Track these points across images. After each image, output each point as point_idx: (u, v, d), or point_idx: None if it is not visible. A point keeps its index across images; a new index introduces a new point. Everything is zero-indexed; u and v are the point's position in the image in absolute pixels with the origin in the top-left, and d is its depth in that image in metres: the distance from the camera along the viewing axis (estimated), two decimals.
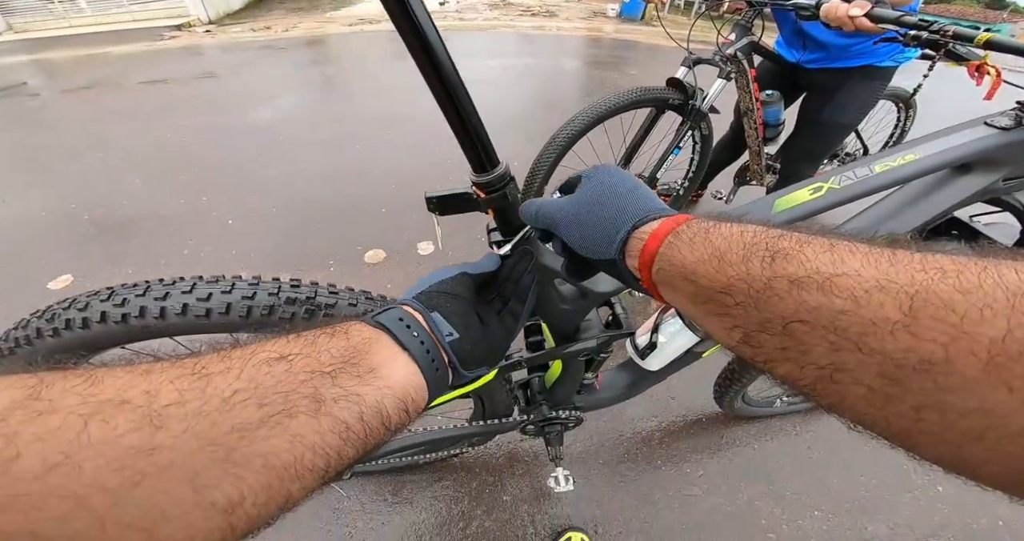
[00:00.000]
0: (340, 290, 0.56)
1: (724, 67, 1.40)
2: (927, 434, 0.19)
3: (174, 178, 2.42)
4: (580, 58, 4.65)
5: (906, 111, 1.98)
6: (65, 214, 2.15)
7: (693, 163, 1.70)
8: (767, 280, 0.24)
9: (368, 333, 0.31)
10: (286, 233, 2.05)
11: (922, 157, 0.57)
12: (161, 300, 0.49)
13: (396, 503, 1.15)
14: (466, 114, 0.39)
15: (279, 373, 0.24)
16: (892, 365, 0.19)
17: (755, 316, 0.24)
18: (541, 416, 0.86)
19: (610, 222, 0.35)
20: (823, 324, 0.21)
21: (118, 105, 3.30)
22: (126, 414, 0.19)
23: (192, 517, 0.19)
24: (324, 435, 0.24)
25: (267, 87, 3.77)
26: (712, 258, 0.27)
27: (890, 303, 0.19)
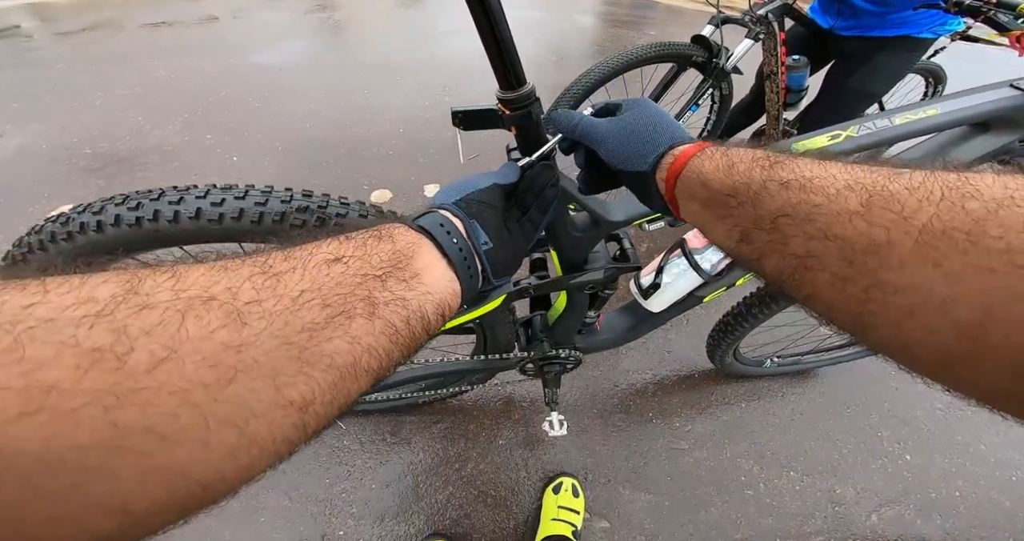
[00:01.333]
0: (352, 202, 0.57)
1: (753, 28, 1.35)
2: (873, 315, 0.21)
3: (177, 116, 2.37)
4: (595, 15, 4.44)
5: (935, 86, 1.92)
6: (66, 148, 2.11)
7: (709, 122, 1.67)
8: (763, 182, 0.28)
9: (411, 237, 0.32)
10: (292, 170, 2.03)
11: (942, 112, 0.58)
12: (175, 204, 0.49)
13: (394, 443, 1.19)
14: (498, 28, 0.39)
15: (337, 275, 0.25)
16: (849, 248, 0.22)
17: (751, 213, 0.29)
18: (542, 353, 0.88)
19: (650, 140, 0.40)
20: (801, 217, 0.25)
21: (119, 47, 3.18)
22: (215, 311, 0.19)
23: (274, 414, 0.20)
24: (377, 337, 0.25)
25: (272, 31, 3.63)
26: (725, 167, 0.32)
27: (853, 198, 0.23)
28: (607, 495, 1.14)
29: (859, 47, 1.40)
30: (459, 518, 1.08)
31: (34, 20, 3.80)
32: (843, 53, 1.47)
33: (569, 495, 1.09)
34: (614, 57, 1.27)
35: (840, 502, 1.15)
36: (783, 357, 1.31)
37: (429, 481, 1.14)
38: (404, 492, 1.11)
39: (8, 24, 3.67)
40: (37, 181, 1.90)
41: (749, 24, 1.36)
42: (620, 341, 0.94)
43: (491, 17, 0.38)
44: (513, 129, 0.48)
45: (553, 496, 1.09)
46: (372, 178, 2.02)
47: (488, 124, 0.49)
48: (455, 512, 1.09)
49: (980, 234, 0.18)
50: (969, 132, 0.64)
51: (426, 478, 1.14)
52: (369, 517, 1.07)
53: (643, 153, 0.40)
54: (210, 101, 2.52)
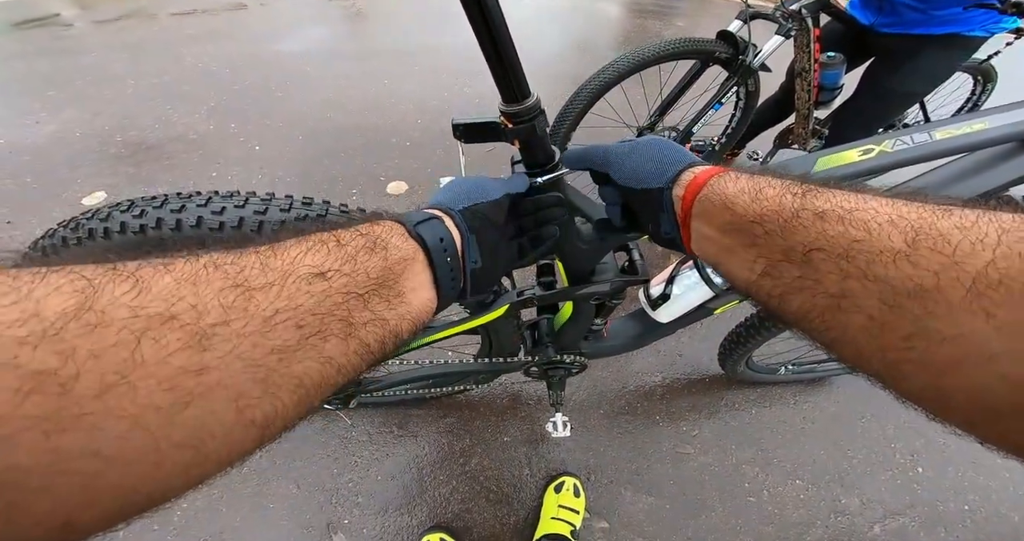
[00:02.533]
0: (352, 210, 0.57)
1: (784, 23, 1.29)
2: (913, 362, 0.20)
3: (203, 104, 2.41)
4: (623, 4, 4.31)
5: (983, 85, 1.79)
6: (97, 135, 2.18)
7: (734, 120, 1.61)
8: (796, 210, 0.26)
9: (406, 250, 0.31)
10: (312, 160, 2.06)
11: (990, 127, 0.53)
12: (177, 212, 0.50)
13: (401, 436, 1.22)
14: (501, 41, 0.38)
15: (318, 293, 0.24)
16: (891, 291, 0.20)
17: (780, 244, 0.26)
18: (546, 358, 0.88)
19: (666, 159, 0.38)
20: (838, 252, 0.23)
21: (151, 35, 3.25)
22: (175, 332, 0.18)
23: (234, 435, 0.20)
24: (350, 357, 0.25)
25: (297, 19, 3.65)
26: (751, 190, 0.29)
27: (897, 235, 0.21)
28: (608, 496, 1.14)
29: (901, 45, 1.32)
30: (461, 512, 1.10)
31: (74, 8, 3.90)
32: (884, 51, 1.40)
33: (570, 495, 1.10)
34: (631, 53, 1.23)
35: (844, 512, 1.13)
36: (798, 365, 1.28)
37: (433, 474, 1.15)
38: (408, 484, 1.14)
39: (49, 12, 3.78)
40: (70, 167, 1.97)
41: (780, 20, 1.30)
42: (627, 348, 0.93)
43: (492, 29, 0.37)
44: (516, 142, 0.46)
45: (554, 495, 1.10)
46: (389, 169, 2.03)
47: (490, 137, 0.47)
48: (457, 506, 1.11)
49: None
50: (1016, 148, 0.58)
51: (430, 471, 1.16)
52: (373, 507, 1.10)
53: (659, 169, 0.38)
54: (235, 89, 2.56)
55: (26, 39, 3.20)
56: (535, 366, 0.93)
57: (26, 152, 2.05)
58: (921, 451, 1.25)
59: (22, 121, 2.24)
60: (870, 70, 1.45)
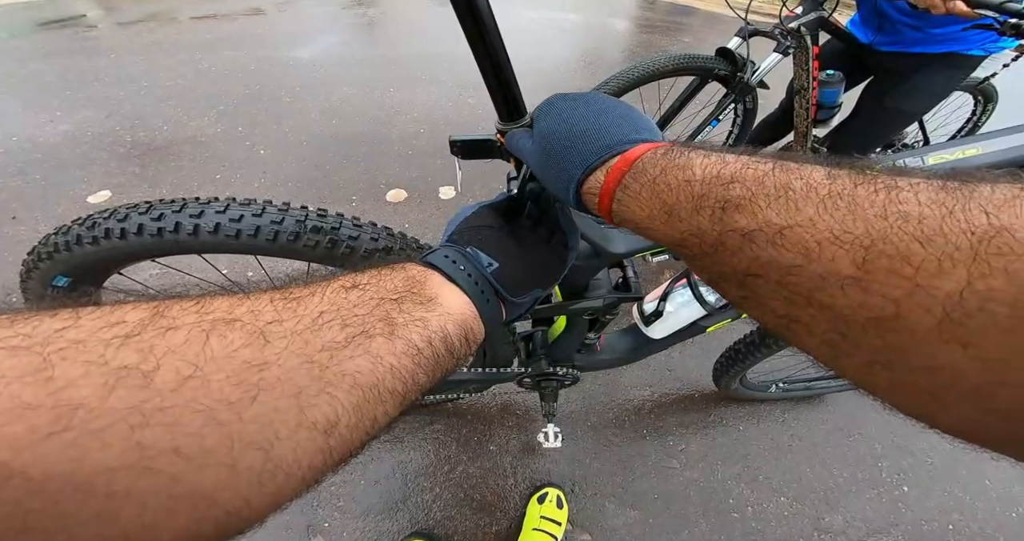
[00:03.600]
0: (364, 224, 0.58)
1: (783, 41, 1.30)
2: (880, 387, 0.18)
3: (213, 108, 2.46)
4: (631, 19, 4.37)
5: (984, 104, 1.79)
6: (109, 134, 2.22)
7: (731, 136, 1.62)
8: (718, 235, 0.23)
9: (421, 269, 0.32)
10: (314, 165, 2.09)
11: (985, 153, 0.51)
12: (196, 217, 0.50)
13: (388, 441, 1.21)
14: (498, 59, 0.38)
15: (355, 298, 0.26)
16: (842, 321, 0.18)
17: (713, 268, 0.24)
18: (539, 370, 0.88)
19: (564, 165, 0.33)
20: (775, 278, 0.20)
21: (169, 37, 3.33)
22: (238, 331, 0.20)
23: (299, 436, 0.20)
24: (399, 357, 0.25)
25: (310, 25, 3.73)
26: (662, 213, 0.26)
27: (843, 256, 0.18)
28: (592, 508, 1.13)
29: (900, 63, 1.33)
30: (443, 519, 1.10)
31: (98, 10, 4.01)
32: (882, 69, 1.40)
33: (553, 506, 1.09)
34: (629, 69, 1.25)
35: (827, 530, 1.13)
36: (789, 383, 1.27)
37: (417, 481, 1.15)
38: (392, 489, 1.13)
39: (75, 13, 3.89)
40: (79, 166, 2.01)
41: (779, 37, 1.31)
42: (620, 362, 0.93)
43: (489, 48, 0.37)
44: (512, 160, 0.47)
45: (537, 506, 1.09)
46: (389, 177, 2.05)
47: (486, 154, 0.48)
48: (439, 513, 1.11)
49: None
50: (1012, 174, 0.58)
51: (415, 477, 1.16)
52: (355, 511, 1.09)
53: (561, 182, 0.33)
54: (244, 94, 2.61)
55: (50, 39, 3.28)
56: (528, 377, 0.93)
57: (38, 150, 2.09)
58: (908, 470, 1.24)
59: (38, 119, 2.29)
60: (869, 88, 1.45)
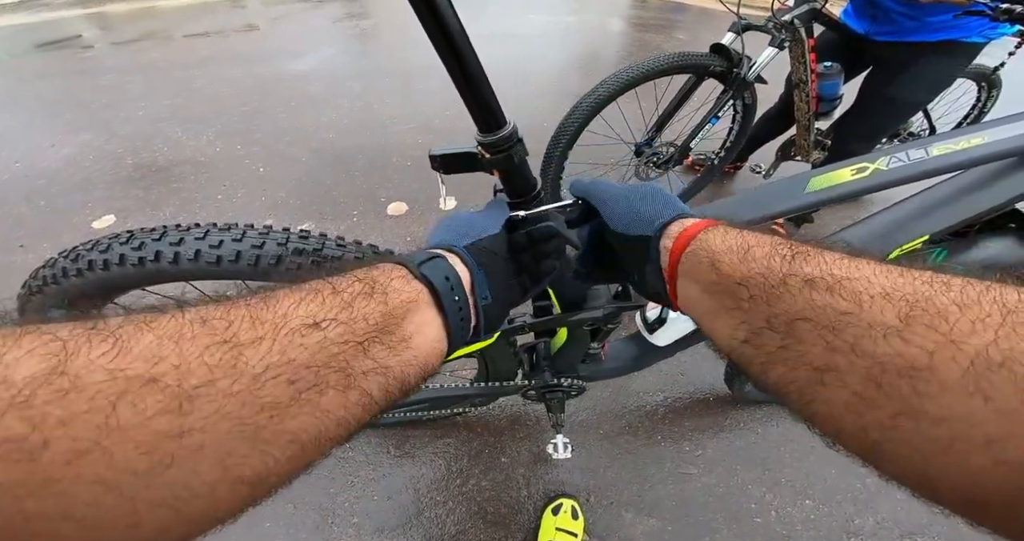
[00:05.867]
0: (348, 243, 0.56)
1: (777, 35, 1.28)
2: (898, 443, 0.19)
3: (211, 127, 2.48)
4: (626, 19, 4.38)
5: (988, 91, 1.76)
6: (110, 158, 2.25)
7: (732, 133, 1.60)
8: (783, 276, 0.25)
9: (409, 292, 0.29)
10: (314, 181, 2.10)
11: (989, 142, 0.51)
12: (175, 245, 0.50)
13: (399, 456, 1.20)
14: (471, 71, 0.37)
15: (312, 345, 0.23)
16: (879, 368, 0.19)
17: (764, 311, 0.25)
18: (543, 383, 0.86)
19: (659, 207, 0.38)
20: (825, 323, 0.22)
21: (164, 56, 3.38)
22: (155, 395, 0.18)
23: (219, 492, 0.19)
24: (350, 408, 0.24)
25: (304, 39, 3.77)
26: (739, 249, 0.28)
27: (890, 309, 0.20)
28: (608, 518, 1.11)
29: (899, 53, 1.30)
30: (457, 533, 1.08)
31: (94, 29, 4.07)
32: (881, 60, 1.38)
33: (568, 517, 1.07)
34: (624, 71, 1.24)
35: (857, 533, 1.08)
36: None
37: (430, 495, 1.14)
38: (405, 505, 1.12)
39: (71, 33, 3.95)
40: (83, 190, 2.03)
41: (773, 31, 1.29)
42: (626, 371, 0.92)
43: (462, 60, 0.36)
44: (495, 172, 0.46)
45: (552, 517, 1.07)
46: (390, 190, 2.05)
47: (469, 167, 0.47)
48: (454, 527, 1.09)
49: None
50: (1019, 162, 0.56)
51: (427, 492, 1.14)
52: (369, 528, 1.08)
53: (650, 216, 0.37)
54: (242, 111, 2.63)
55: (48, 61, 3.34)
56: (532, 390, 0.91)
57: (41, 176, 2.11)
58: None
59: (40, 143, 2.33)
60: (869, 79, 1.43)
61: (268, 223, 0.55)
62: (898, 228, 0.58)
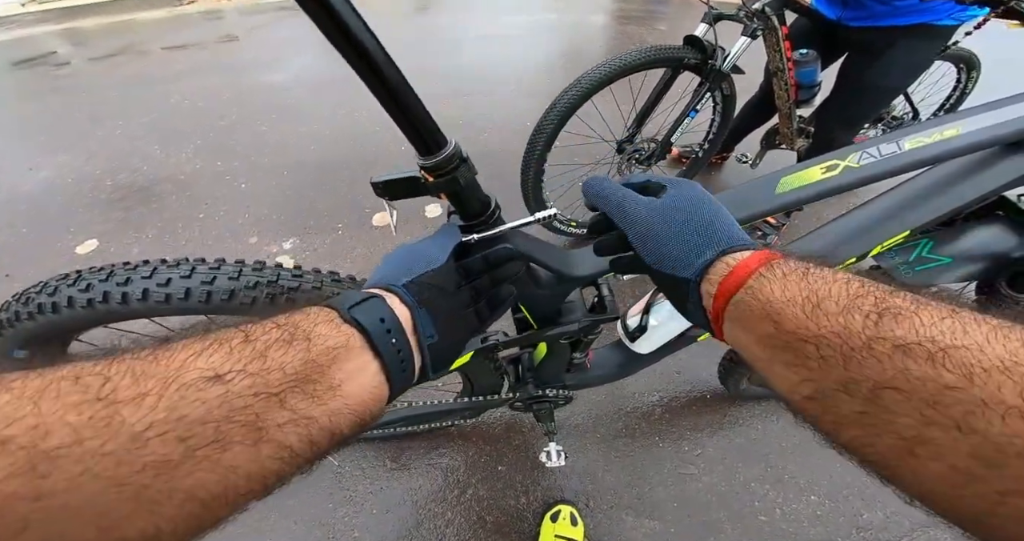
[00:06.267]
0: (305, 272, 0.55)
1: (749, 24, 1.26)
2: (1005, 518, 0.18)
3: (190, 143, 2.45)
4: (607, 13, 4.36)
5: (967, 72, 1.76)
6: (89, 179, 2.21)
7: (714, 125, 1.58)
8: (868, 339, 0.21)
9: (336, 338, 0.27)
10: (298, 195, 2.06)
11: (965, 132, 0.48)
12: (122, 285, 0.49)
13: (395, 469, 1.19)
14: (400, 93, 0.35)
15: (211, 400, 0.21)
16: (992, 448, 0.17)
17: (839, 375, 0.22)
18: (528, 395, 0.85)
19: (699, 239, 0.32)
20: (922, 396, 0.19)
21: (142, 71, 3.34)
22: (7, 457, 0.17)
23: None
24: (263, 462, 0.22)
25: (283, 49, 3.73)
26: (806, 301, 0.25)
27: (1009, 386, 0.18)
28: (609, 523, 1.10)
29: (872, 38, 1.28)
30: None
31: (68, 46, 4.02)
32: (855, 45, 1.36)
33: (567, 524, 1.06)
34: (597, 69, 1.21)
35: (866, 527, 1.07)
36: None
37: (429, 507, 1.13)
38: (404, 517, 1.11)
39: (46, 50, 3.91)
40: (63, 214, 2.00)
41: (745, 20, 1.27)
42: (612, 378, 0.90)
43: (387, 82, 0.34)
44: (442, 196, 0.43)
45: (551, 524, 1.06)
46: (375, 200, 1.98)
47: (414, 192, 0.44)
48: (454, 538, 1.08)
49: None
50: (1001, 151, 0.54)
51: (426, 504, 1.13)
52: None
53: (688, 254, 0.32)
54: (221, 125, 2.60)
55: (23, 79, 3.30)
56: (518, 401, 0.90)
57: (22, 201, 2.09)
58: None
59: (18, 167, 2.30)
60: (845, 66, 1.41)
61: (220, 257, 0.53)
62: (880, 223, 0.56)
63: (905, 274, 0.62)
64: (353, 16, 0.30)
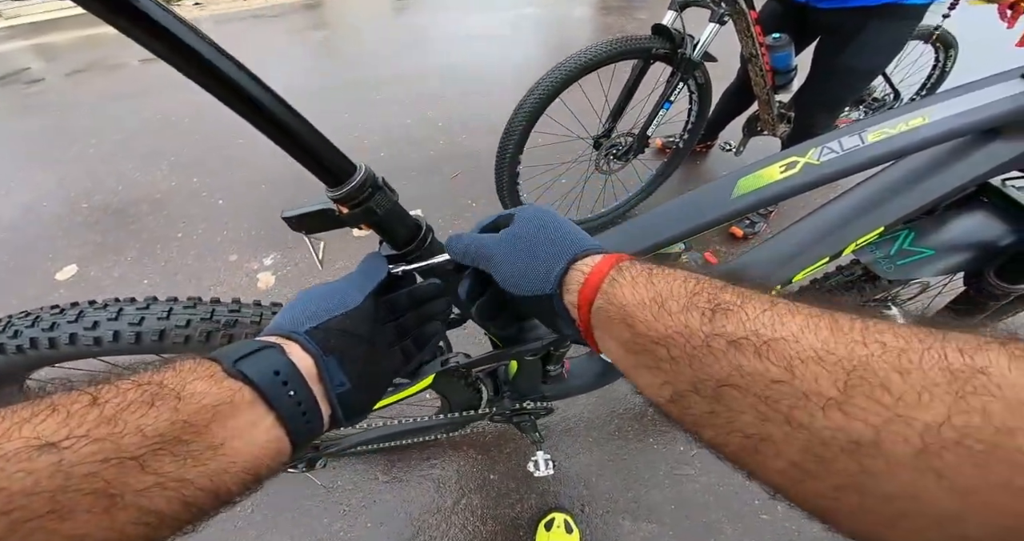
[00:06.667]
0: (245, 305, 0.52)
1: (716, 9, 1.23)
2: (842, 514, 0.18)
3: (165, 159, 2.41)
4: (587, 4, 4.32)
5: (945, 51, 1.73)
6: (65, 202, 2.18)
7: (692, 114, 1.55)
8: (705, 337, 0.22)
9: (216, 394, 0.25)
10: (276, 209, 1.99)
11: (932, 121, 0.45)
12: (49, 331, 0.47)
13: (387, 482, 1.18)
14: (292, 127, 0.32)
15: (40, 470, 0.19)
16: (819, 442, 0.18)
17: (688, 374, 0.23)
18: (504, 409, 0.82)
19: (548, 254, 0.32)
20: (755, 392, 0.20)
21: (116, 85, 3.30)
22: None
23: None
24: (123, 528, 0.20)
25: (258, 56, 3.68)
26: (652, 302, 0.25)
27: (825, 377, 0.18)
28: (605, 527, 1.08)
29: (842, 20, 1.25)
30: None
31: (41, 61, 3.96)
32: (827, 28, 1.33)
33: (562, 532, 1.04)
34: (562, 65, 1.18)
35: None
36: None
37: (423, 518, 1.11)
38: (399, 529, 1.10)
39: (19, 67, 3.85)
40: (42, 240, 1.97)
41: (711, 5, 1.24)
42: (591, 387, 0.87)
43: (275, 118, 0.31)
44: (363, 227, 0.40)
45: (545, 533, 1.05)
46: None
47: (331, 224, 0.41)
48: None
49: (1006, 447, 0.15)
50: (976, 138, 0.51)
51: (420, 515, 1.12)
52: None
53: (542, 270, 0.32)
54: (196, 140, 2.55)
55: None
56: (497, 415, 0.87)
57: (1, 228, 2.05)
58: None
59: None
60: (819, 49, 1.38)
61: (151, 296, 0.51)
62: (851, 220, 0.53)
63: (887, 269, 0.60)
64: (215, 53, 0.27)
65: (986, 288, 0.62)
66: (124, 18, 0.24)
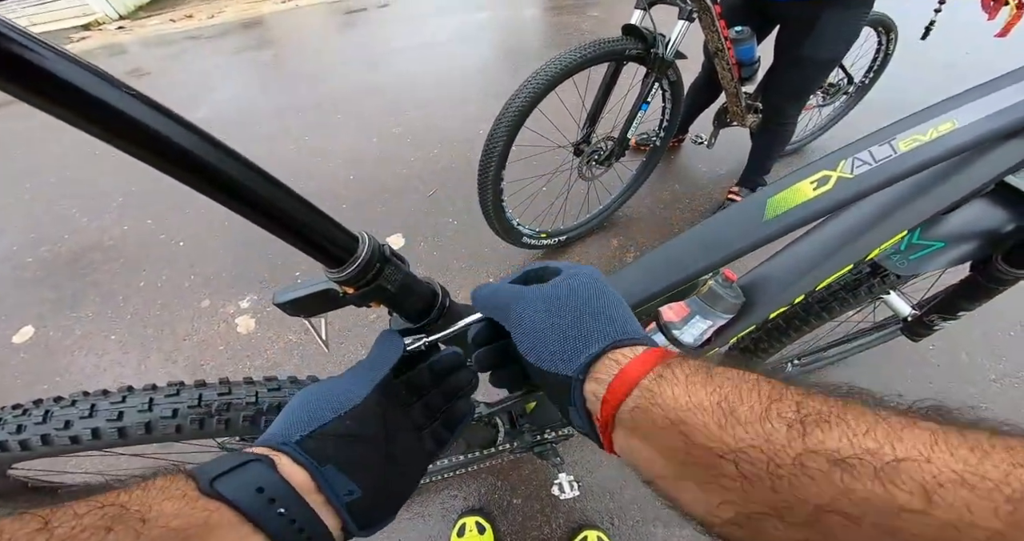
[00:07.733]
0: (235, 384, 0.47)
1: (684, 6, 1.24)
2: None
3: (112, 201, 2.24)
4: (538, 5, 4.30)
5: (886, 34, 1.82)
6: (7, 258, 2.00)
7: (666, 112, 1.56)
8: (797, 454, 0.19)
9: (189, 516, 0.22)
10: (242, 245, 1.90)
11: (962, 126, 0.44)
12: (15, 434, 0.42)
13: (410, 518, 1.14)
14: (285, 210, 0.28)
15: None
16: None
17: (767, 497, 0.19)
18: (524, 444, 0.79)
19: (585, 330, 0.28)
20: (874, 521, 0.16)
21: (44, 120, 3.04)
22: None
23: None
24: None
25: (202, 80, 3.50)
26: (717, 408, 0.21)
27: (981, 506, 0.15)
28: (639, 537, 1.07)
29: (801, 10, 1.29)
30: None
31: None
32: (786, 19, 1.37)
33: None
34: (536, 76, 1.15)
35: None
36: (803, 357, 1.23)
37: None
38: None
39: None
40: None
41: (679, 2, 1.24)
42: None
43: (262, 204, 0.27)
44: (375, 304, 0.35)
45: None
46: None
47: (333, 304, 0.36)
48: None
49: None
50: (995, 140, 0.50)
51: None
52: None
53: (571, 347, 0.27)
54: (143, 176, 2.37)
55: None
56: (517, 450, 0.85)
57: None
58: None
59: None
60: (780, 40, 1.42)
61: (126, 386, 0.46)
62: (875, 225, 0.53)
63: (900, 264, 0.60)
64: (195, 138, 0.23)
65: (994, 274, 0.62)
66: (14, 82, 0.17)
